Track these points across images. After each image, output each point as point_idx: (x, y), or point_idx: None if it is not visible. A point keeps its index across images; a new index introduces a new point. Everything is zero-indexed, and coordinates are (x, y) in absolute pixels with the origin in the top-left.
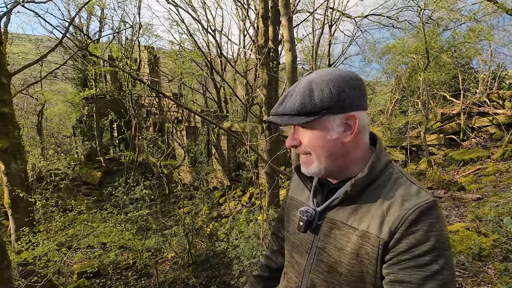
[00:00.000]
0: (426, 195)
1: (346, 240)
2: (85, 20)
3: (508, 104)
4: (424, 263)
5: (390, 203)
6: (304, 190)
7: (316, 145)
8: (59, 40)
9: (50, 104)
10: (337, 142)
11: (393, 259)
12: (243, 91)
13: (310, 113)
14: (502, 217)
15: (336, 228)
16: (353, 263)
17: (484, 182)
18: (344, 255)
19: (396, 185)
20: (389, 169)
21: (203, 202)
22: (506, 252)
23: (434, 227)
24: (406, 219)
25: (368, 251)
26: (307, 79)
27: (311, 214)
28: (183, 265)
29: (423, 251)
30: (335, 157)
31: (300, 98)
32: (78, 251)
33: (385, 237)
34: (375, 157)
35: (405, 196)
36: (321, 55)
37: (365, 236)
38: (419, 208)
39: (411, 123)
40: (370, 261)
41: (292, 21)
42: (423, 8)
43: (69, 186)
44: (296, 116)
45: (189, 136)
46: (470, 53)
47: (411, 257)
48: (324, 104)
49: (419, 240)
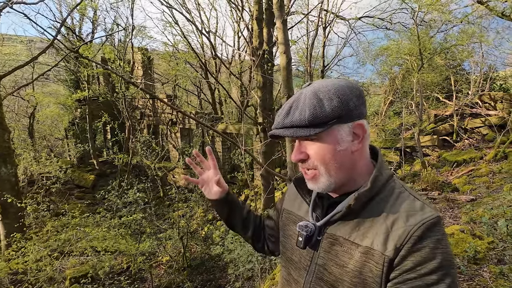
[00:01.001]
0: (431, 211)
1: (349, 257)
2: (78, 22)
3: (500, 106)
4: (430, 283)
5: (394, 218)
6: (302, 203)
7: (325, 157)
8: (51, 41)
9: (42, 106)
10: (346, 152)
11: (398, 278)
12: (237, 93)
13: (319, 124)
14: (496, 219)
15: (338, 244)
16: (356, 281)
17: (478, 183)
18: (346, 272)
19: (400, 200)
20: (391, 183)
21: (198, 205)
22: (501, 255)
23: (440, 244)
24: (412, 236)
25: (372, 269)
26: (311, 89)
27: (311, 229)
28: (178, 269)
29: (429, 269)
30: (344, 169)
31: (310, 108)
32: (71, 257)
33: (390, 254)
34: (377, 171)
35: (409, 211)
36: (316, 57)
37: (368, 253)
38: (424, 224)
39: (405, 125)
40: (374, 279)
41: (286, 23)
42: (416, 10)
43: (61, 189)
44: (304, 128)
45: (183, 138)
46: (462, 55)
47: (417, 276)
48: (334, 113)
49: (425, 257)
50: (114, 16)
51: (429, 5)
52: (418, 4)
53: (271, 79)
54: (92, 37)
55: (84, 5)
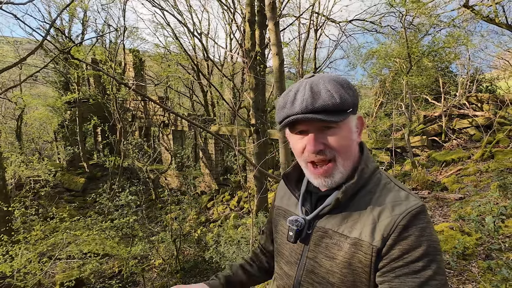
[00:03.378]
0: (415, 200)
1: (338, 249)
2: (67, 23)
3: (486, 107)
4: (417, 269)
5: (381, 209)
6: (291, 198)
7: (345, 147)
8: (40, 42)
9: (30, 109)
10: (355, 143)
11: (387, 267)
12: (230, 94)
13: (343, 111)
14: (484, 216)
15: (327, 236)
16: (346, 272)
17: (466, 182)
18: (336, 264)
19: (385, 191)
20: (377, 175)
21: (191, 207)
22: (488, 250)
23: (425, 232)
24: (398, 225)
25: (361, 259)
26: (328, 77)
27: (301, 223)
28: (171, 272)
29: (415, 257)
30: (353, 160)
31: (338, 93)
32: (60, 261)
33: (378, 244)
34: (363, 163)
35: (395, 201)
36: (307, 59)
37: (357, 244)
38: (409, 213)
39: (395, 126)
40: (363, 269)
41: (278, 25)
42: (404, 14)
43: (50, 193)
44: (333, 113)
45: (176, 140)
46: (449, 57)
47: (404, 263)
48: (354, 102)
49: (411, 246)
50: (105, 17)
51: (415, 9)
52: (405, 8)
53: (264, 80)
54: (82, 38)
55: (74, 5)
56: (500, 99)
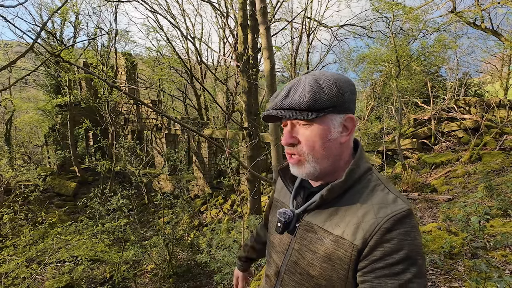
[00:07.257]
0: (402, 204)
1: (320, 244)
2: (59, 26)
3: (474, 110)
4: (397, 272)
5: (366, 210)
6: (286, 191)
7: (316, 144)
8: (31, 45)
9: (20, 112)
10: (335, 142)
11: (368, 267)
12: (223, 98)
13: (317, 110)
14: (470, 216)
15: (312, 231)
16: (325, 266)
17: (454, 184)
18: (317, 258)
19: (374, 193)
20: (368, 176)
21: (184, 211)
22: (474, 249)
23: (409, 236)
24: (381, 227)
25: (340, 256)
26: (311, 76)
27: (289, 216)
28: (163, 277)
29: (396, 259)
30: (331, 158)
31: (311, 93)
32: (49, 266)
33: (358, 243)
34: (354, 164)
35: (381, 204)
36: (300, 63)
37: (339, 242)
38: (394, 216)
39: (386, 129)
40: (342, 266)
41: (270, 30)
42: (392, 20)
43: (40, 198)
44: (302, 111)
45: (168, 144)
46: (437, 61)
47: (385, 265)
48: (332, 101)
49: (393, 248)
50: (97, 21)
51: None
52: (392, 14)
53: (256, 84)
54: (74, 42)
55: (65, 9)
56: (487, 102)
